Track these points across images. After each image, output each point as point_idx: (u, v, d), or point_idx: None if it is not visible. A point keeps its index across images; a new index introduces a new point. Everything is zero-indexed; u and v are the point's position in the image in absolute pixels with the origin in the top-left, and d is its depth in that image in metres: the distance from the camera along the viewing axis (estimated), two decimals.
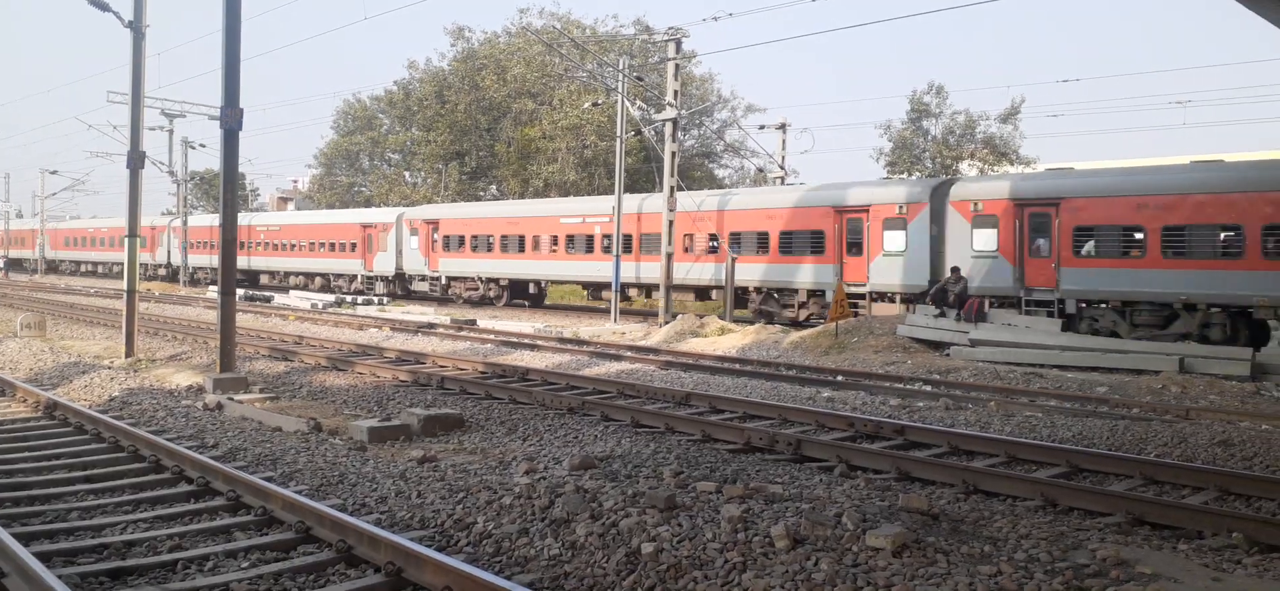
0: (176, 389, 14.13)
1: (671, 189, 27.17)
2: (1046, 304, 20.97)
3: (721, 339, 22.34)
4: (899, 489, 8.42)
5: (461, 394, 14.23)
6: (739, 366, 17.55)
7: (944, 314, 20.43)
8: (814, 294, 25.42)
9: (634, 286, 30.67)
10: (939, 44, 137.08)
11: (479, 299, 35.51)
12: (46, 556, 6.06)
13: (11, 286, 49.17)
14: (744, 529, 6.19)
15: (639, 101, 32.48)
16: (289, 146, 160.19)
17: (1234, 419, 12.51)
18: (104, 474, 8.58)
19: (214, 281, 46.13)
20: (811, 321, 24.99)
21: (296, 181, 78.88)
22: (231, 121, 14.33)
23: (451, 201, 47.87)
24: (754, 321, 25.66)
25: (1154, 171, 21.20)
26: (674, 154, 27.31)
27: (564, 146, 45.40)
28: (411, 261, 38.50)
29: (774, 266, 26.34)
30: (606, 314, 30.85)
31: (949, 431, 10.75)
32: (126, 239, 18.36)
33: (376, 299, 38.45)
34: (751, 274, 26.69)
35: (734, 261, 26.62)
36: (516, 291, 35.23)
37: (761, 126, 40.95)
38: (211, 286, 42.26)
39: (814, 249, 25.38)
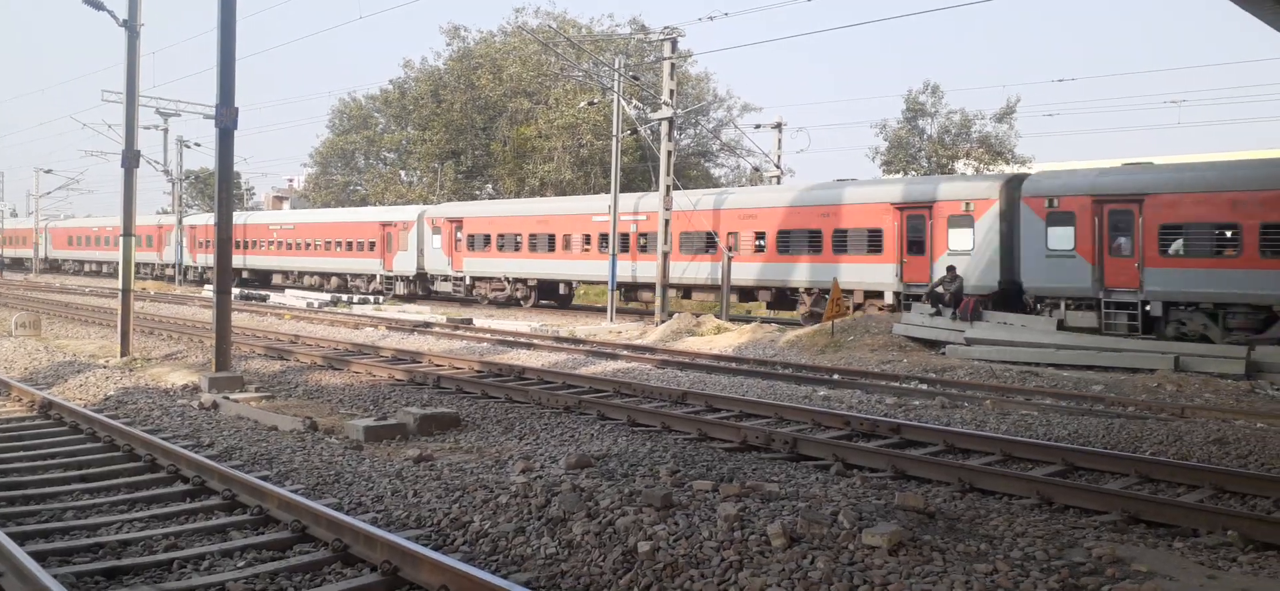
0: (172, 388, 14.11)
1: (668, 188, 27.19)
2: (1128, 306, 20.08)
3: (718, 337, 22.35)
4: (895, 487, 8.43)
5: (458, 393, 14.23)
6: (735, 365, 17.56)
7: (940, 313, 20.46)
8: (871, 295, 24.03)
9: (675, 287, 29.10)
10: (934, 43, 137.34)
11: (505, 299, 34.38)
12: (42, 556, 6.04)
13: (6, 285, 49.02)
14: (740, 527, 6.19)
15: (635, 101, 32.53)
16: (284, 145, 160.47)
17: (1229, 417, 12.54)
18: (99, 473, 8.56)
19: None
20: None
21: (292, 180, 78.81)
22: (227, 120, 14.31)
23: (445, 200, 47.71)
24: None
25: (1252, 165, 20.32)
26: (670, 153, 27.34)
27: (560, 146, 45.39)
28: (434, 261, 37.17)
29: (825, 266, 24.81)
30: (639, 317, 29.95)
31: (945, 430, 10.77)
32: (122, 238, 18.36)
33: (372, 298, 38.29)
34: (799, 275, 25.65)
35: (730, 260, 26.60)
36: (545, 292, 34.00)
37: (757, 126, 41.08)
38: (206, 285, 42.00)
39: (871, 248, 24.08)
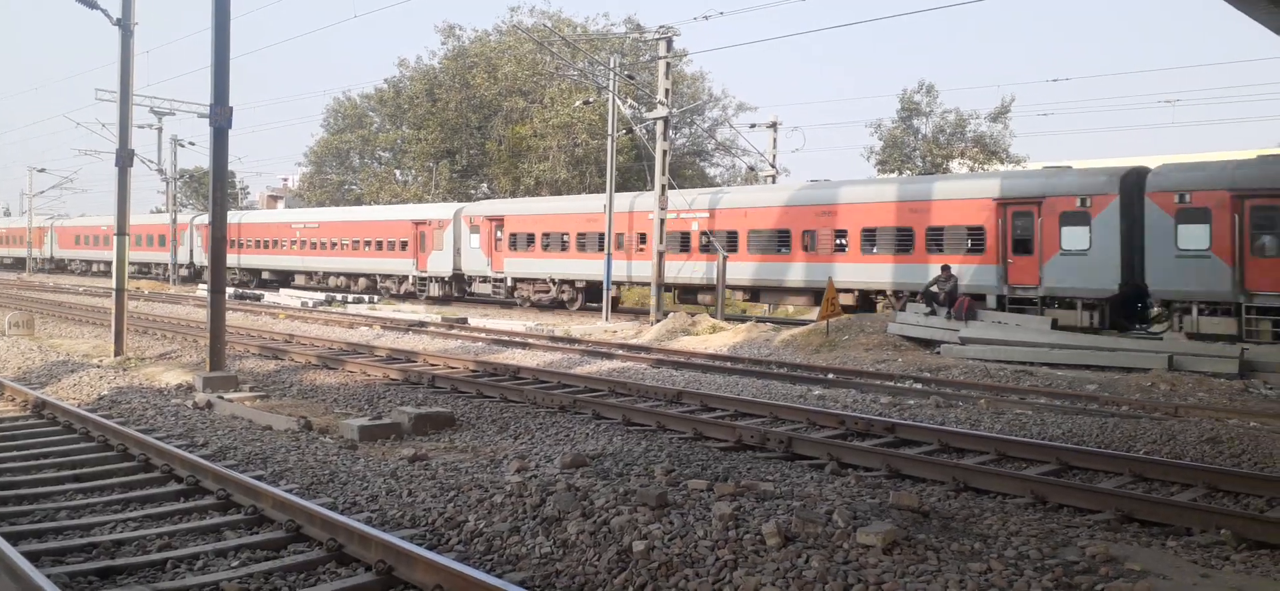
0: (166, 387, 14.07)
1: (663, 187, 27.18)
2: (1273, 311, 18.62)
3: (713, 337, 22.36)
4: (890, 486, 8.44)
5: (453, 392, 14.21)
6: (730, 364, 17.57)
7: (934, 312, 20.49)
8: (972, 298, 21.87)
9: (738, 288, 27.69)
10: (929, 43, 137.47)
11: (550, 301, 32.67)
12: (35, 556, 6.03)
13: (0, 284, 48.87)
14: (735, 526, 6.19)
15: (630, 100, 32.51)
16: (279, 144, 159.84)
17: (1222, 416, 12.57)
18: (93, 473, 8.55)
19: (247, 283, 44.95)
20: None
21: (287, 179, 78.80)
22: (221, 119, 14.28)
23: (440, 199, 47.55)
24: (745, 320, 25.51)
25: None
26: (665, 152, 27.33)
27: (555, 145, 45.37)
28: (471, 261, 35.44)
29: (916, 267, 23.25)
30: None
31: (939, 429, 10.79)
32: (116, 237, 18.31)
33: (368, 298, 38.20)
34: (881, 276, 24.13)
35: (725, 259, 26.56)
36: (592, 294, 31.68)
37: (752, 125, 41.10)
38: (201, 285, 41.83)
39: (971, 247, 22.48)
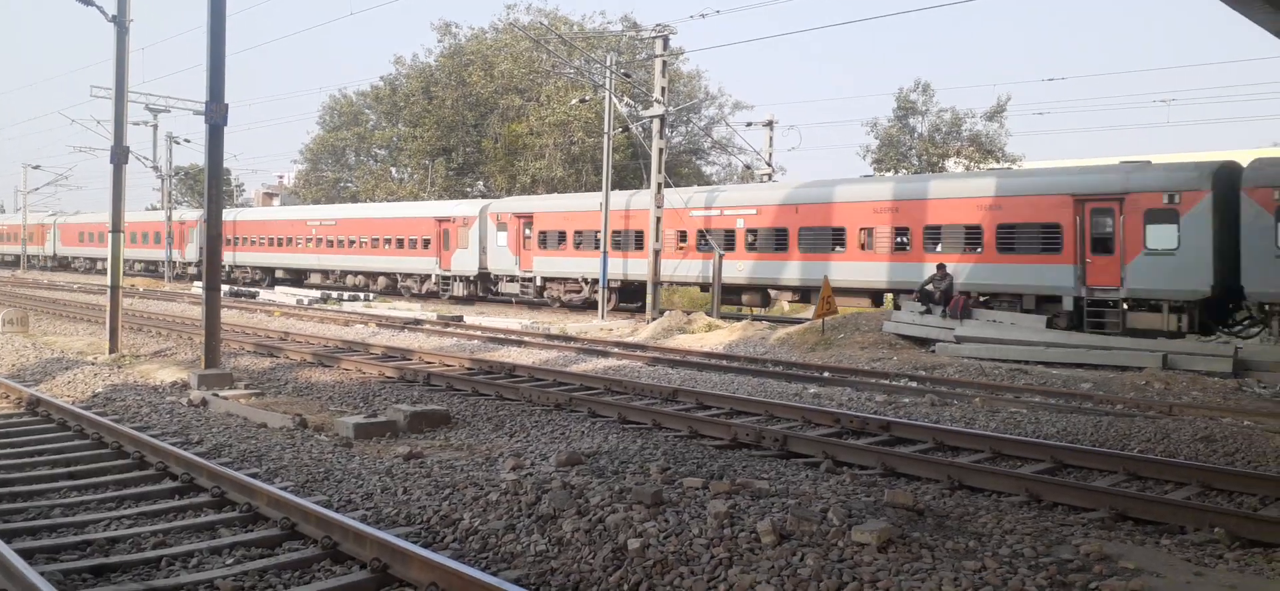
0: (161, 385, 14.04)
1: (659, 186, 27.17)
2: None
3: (708, 335, 22.38)
4: (884, 484, 8.46)
5: (448, 390, 14.20)
6: (726, 363, 17.58)
7: (930, 310, 20.52)
8: (1046, 300, 20.97)
9: (789, 290, 26.59)
10: (925, 42, 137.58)
11: (582, 302, 31.48)
12: (29, 553, 6.01)
13: None
14: (730, 524, 6.20)
15: (626, 98, 32.50)
16: (274, 142, 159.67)
17: (1216, 415, 12.60)
18: (87, 470, 8.53)
19: (259, 280, 44.66)
20: None
21: (282, 177, 78.58)
22: (216, 117, 14.25)
23: (436, 197, 47.44)
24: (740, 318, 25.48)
25: None
26: (661, 150, 27.32)
27: (551, 143, 45.36)
28: (498, 260, 34.18)
29: (987, 267, 21.86)
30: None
31: (934, 427, 10.81)
32: (111, 234, 18.26)
33: (365, 296, 38.12)
34: (957, 276, 22.30)
35: (721, 258, 26.53)
36: (627, 294, 30.84)
37: (748, 124, 41.12)
38: (196, 283, 41.74)
39: (1045, 246, 21.04)
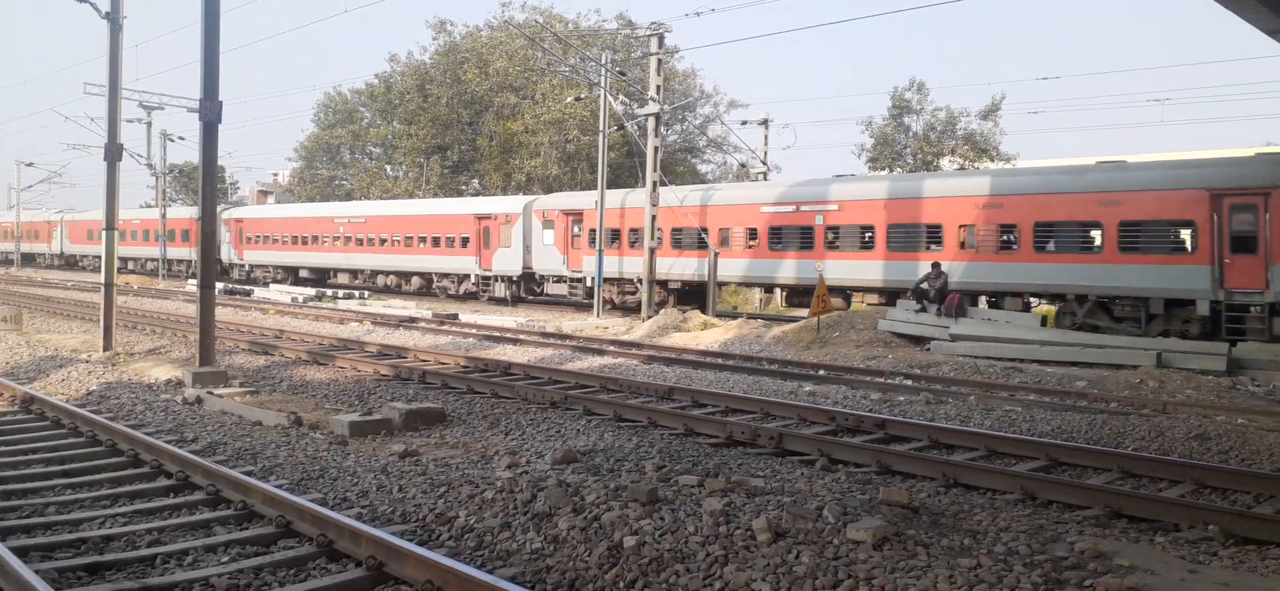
0: (155, 383, 14.01)
1: (654, 184, 27.17)
2: None
3: (704, 333, 22.39)
4: (880, 482, 8.47)
5: (443, 388, 14.19)
6: (721, 361, 17.59)
7: (925, 309, 20.54)
8: (1175, 305, 19.04)
9: (849, 290, 24.78)
10: (920, 41, 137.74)
11: (636, 303, 29.46)
12: (23, 551, 6.00)
13: None
14: (726, 522, 6.20)
15: (621, 96, 32.47)
16: (269, 139, 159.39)
17: (1210, 413, 12.63)
18: (82, 468, 8.51)
19: (279, 279, 44.21)
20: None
21: (277, 174, 78.41)
22: (211, 114, 14.21)
23: (431, 195, 47.34)
24: (734, 317, 25.45)
25: None
26: (657, 149, 27.32)
27: (546, 141, 45.34)
28: (544, 259, 32.69)
29: (1102, 267, 19.95)
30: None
31: (929, 425, 10.82)
32: (104, 232, 18.21)
33: (357, 294, 37.97)
34: (1064, 276, 20.48)
35: (717, 257, 26.53)
36: (686, 295, 29.14)
37: (743, 122, 41.10)
38: (190, 281, 41.57)
39: (1172, 246, 19.27)
